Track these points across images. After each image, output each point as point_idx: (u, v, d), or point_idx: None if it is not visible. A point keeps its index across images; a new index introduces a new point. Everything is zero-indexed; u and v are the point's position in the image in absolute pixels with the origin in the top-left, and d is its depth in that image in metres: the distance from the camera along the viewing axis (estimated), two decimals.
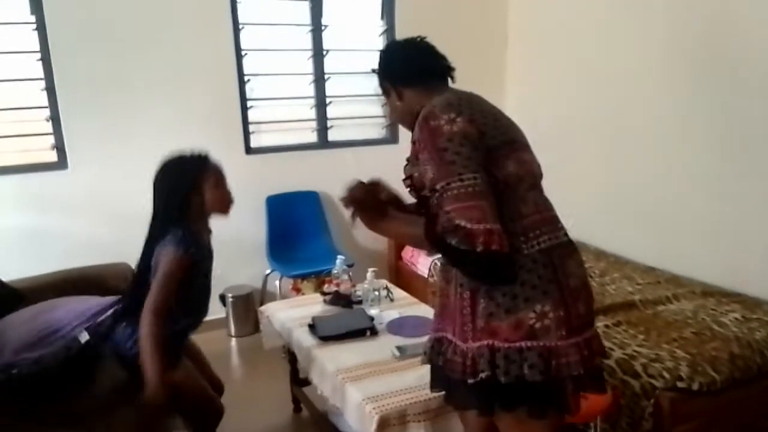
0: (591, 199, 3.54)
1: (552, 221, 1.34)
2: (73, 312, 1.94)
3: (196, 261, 1.84)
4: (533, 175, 1.34)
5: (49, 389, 1.81)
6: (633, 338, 2.25)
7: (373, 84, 4.41)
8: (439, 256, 1.31)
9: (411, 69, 1.46)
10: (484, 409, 1.33)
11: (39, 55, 3.00)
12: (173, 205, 1.84)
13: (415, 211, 1.44)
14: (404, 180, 1.40)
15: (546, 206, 1.36)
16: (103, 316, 1.91)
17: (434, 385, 1.47)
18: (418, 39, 1.50)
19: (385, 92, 1.51)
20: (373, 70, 1.53)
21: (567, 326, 1.25)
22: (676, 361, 2.05)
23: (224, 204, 1.93)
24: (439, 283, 1.46)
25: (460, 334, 1.32)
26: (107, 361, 1.93)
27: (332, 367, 1.94)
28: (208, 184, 1.87)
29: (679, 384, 1.97)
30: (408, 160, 1.40)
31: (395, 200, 1.51)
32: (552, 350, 1.23)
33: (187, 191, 1.85)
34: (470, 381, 1.27)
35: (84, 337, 1.85)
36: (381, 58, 1.51)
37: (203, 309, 1.99)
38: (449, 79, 1.48)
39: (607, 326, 2.35)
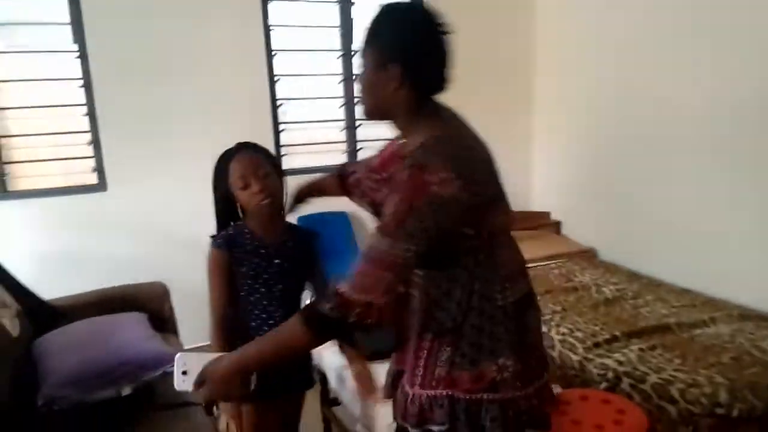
0: (625, 219, 3.50)
1: (521, 271, 1.31)
2: (123, 352, 1.95)
3: (234, 258, 1.68)
4: (510, 223, 1.31)
5: (91, 424, 1.84)
6: (669, 362, 2.20)
7: None
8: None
9: (435, 65, 1.21)
10: None
11: (81, 82, 3.12)
12: (216, 204, 1.74)
13: None
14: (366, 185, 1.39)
15: (517, 254, 1.32)
16: (151, 376, 1.92)
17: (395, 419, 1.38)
18: (444, 27, 1.21)
19: (375, 65, 1.22)
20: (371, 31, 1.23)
21: (522, 378, 1.23)
22: (714, 387, 2.00)
23: (250, 201, 1.67)
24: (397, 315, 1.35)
25: (409, 377, 1.28)
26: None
27: None
28: (234, 181, 1.67)
29: (718, 410, 1.92)
30: (376, 171, 1.34)
31: None
32: (511, 401, 1.21)
33: (220, 190, 1.71)
34: (413, 431, 1.24)
35: (126, 391, 1.88)
36: (394, 21, 1.21)
37: (267, 315, 1.72)
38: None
39: (641, 350, 2.30)
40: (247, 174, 1.66)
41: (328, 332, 1.18)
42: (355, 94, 1.35)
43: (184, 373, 1.23)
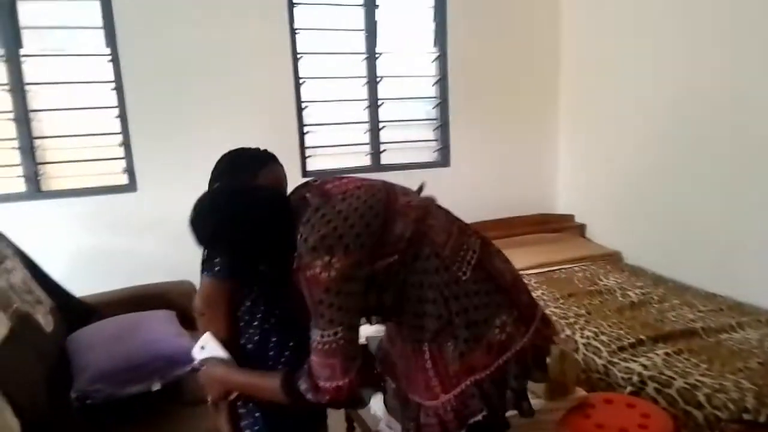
0: (650, 222, 3.47)
1: (464, 232, 1.32)
2: (154, 348, 2.00)
3: (239, 288, 1.51)
4: (421, 207, 1.30)
5: (122, 418, 1.90)
6: (695, 367, 2.18)
7: (424, 109, 4.41)
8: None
9: (276, 229, 1.28)
10: None
11: (113, 85, 3.20)
12: None
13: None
14: None
15: (451, 222, 1.32)
16: (180, 372, 1.97)
17: None
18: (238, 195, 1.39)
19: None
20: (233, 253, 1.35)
21: (524, 320, 1.28)
22: (741, 392, 1.97)
23: None
24: (396, 344, 1.38)
25: (427, 393, 1.27)
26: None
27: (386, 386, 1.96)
28: None
29: (745, 416, 1.90)
30: None
31: None
32: (525, 349, 1.26)
33: None
34: None
35: (156, 387, 1.93)
36: (248, 233, 1.29)
37: (285, 344, 1.52)
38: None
39: (667, 354, 2.28)
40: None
41: (306, 404, 1.24)
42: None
43: (203, 348, 1.44)
